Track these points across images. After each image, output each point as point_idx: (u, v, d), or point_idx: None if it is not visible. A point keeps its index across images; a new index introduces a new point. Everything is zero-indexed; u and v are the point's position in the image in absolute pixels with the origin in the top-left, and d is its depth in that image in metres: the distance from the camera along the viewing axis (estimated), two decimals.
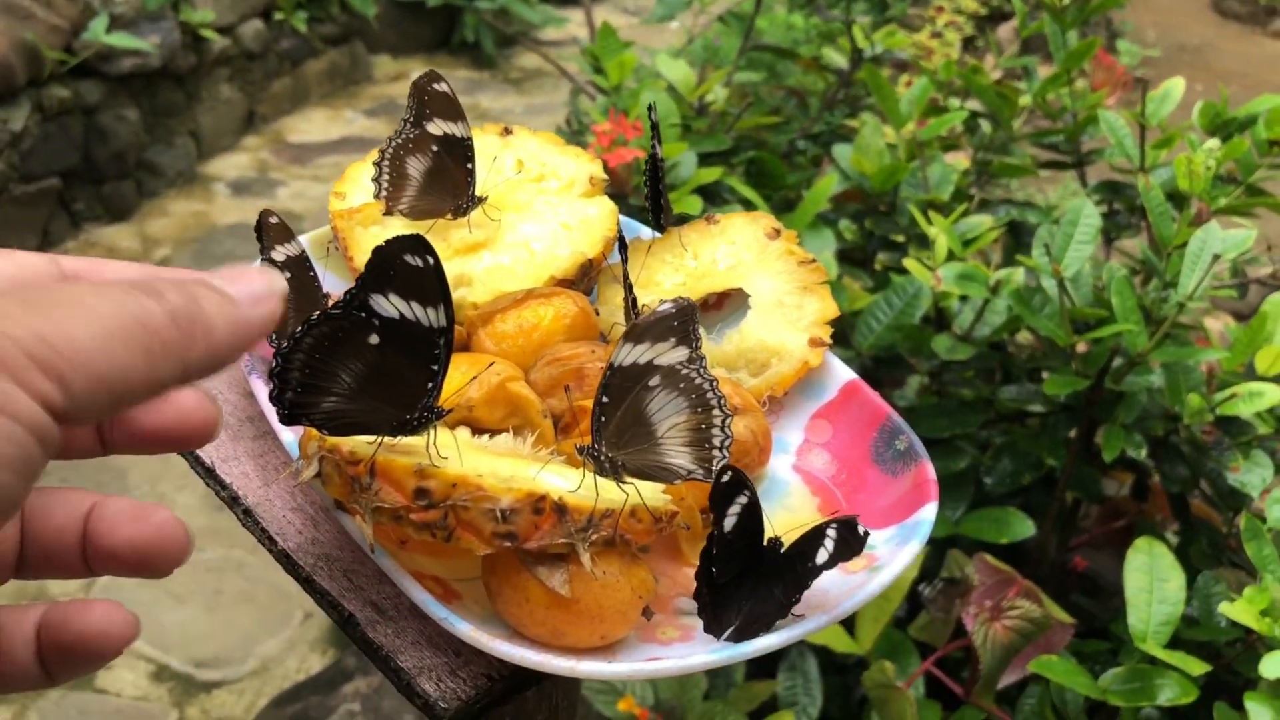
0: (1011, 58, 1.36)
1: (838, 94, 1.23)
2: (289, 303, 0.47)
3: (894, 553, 0.45)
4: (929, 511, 0.47)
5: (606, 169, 0.97)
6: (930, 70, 1.13)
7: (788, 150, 1.23)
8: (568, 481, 0.42)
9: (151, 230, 2.79)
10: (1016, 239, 1.10)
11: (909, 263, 0.85)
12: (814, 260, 0.54)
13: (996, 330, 0.89)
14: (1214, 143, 0.90)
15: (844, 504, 0.51)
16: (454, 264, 0.55)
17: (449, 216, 0.55)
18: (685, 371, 0.43)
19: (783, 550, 0.45)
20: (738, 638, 0.44)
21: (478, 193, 0.56)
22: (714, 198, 1.12)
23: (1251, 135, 1.06)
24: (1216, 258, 0.81)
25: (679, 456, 0.43)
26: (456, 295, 0.53)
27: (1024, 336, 1.08)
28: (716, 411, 0.43)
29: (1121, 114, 1.02)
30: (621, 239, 0.51)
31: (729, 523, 0.44)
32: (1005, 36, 3.55)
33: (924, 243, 0.98)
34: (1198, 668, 0.78)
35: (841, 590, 0.45)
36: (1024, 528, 0.89)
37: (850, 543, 0.44)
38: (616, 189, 0.95)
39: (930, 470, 0.48)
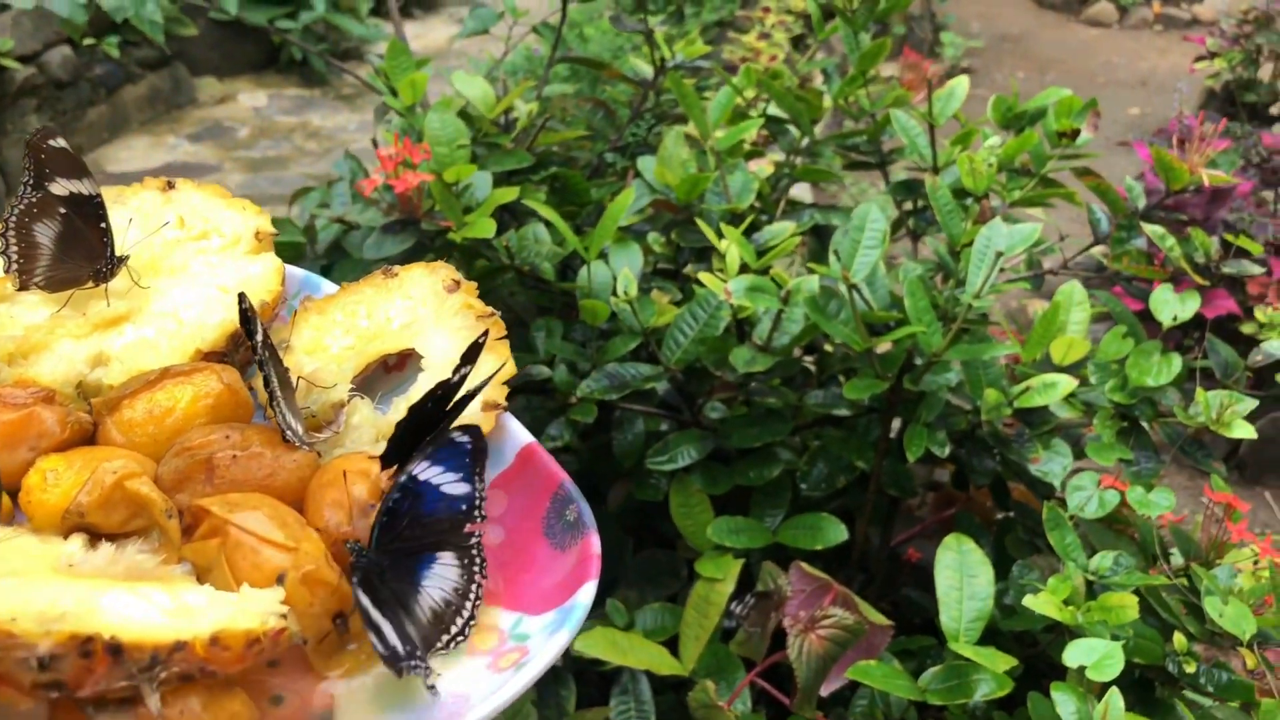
0: (815, 61, 1.37)
1: (644, 104, 1.22)
2: None
3: (545, 643, 0.42)
4: (585, 593, 0.44)
5: (393, 195, 0.94)
6: (729, 77, 1.12)
7: (598, 164, 1.22)
8: (148, 605, 0.37)
9: None
10: (822, 241, 1.10)
11: (704, 276, 0.84)
12: (493, 314, 0.50)
13: (796, 338, 0.88)
14: (994, 140, 0.91)
15: (502, 590, 0.47)
16: (90, 341, 0.48)
17: (90, 284, 0.50)
18: (471, 545, 0.44)
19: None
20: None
21: (120, 252, 0.51)
22: (523, 217, 1.09)
23: (1043, 127, 1.08)
24: (1000, 255, 0.82)
25: (412, 625, 0.43)
26: (92, 377, 0.47)
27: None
28: (468, 605, 0.43)
29: (913, 113, 1.03)
30: (244, 312, 0.45)
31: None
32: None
33: None
34: (1005, 663, 0.79)
35: (482, 694, 0.41)
36: (837, 533, 0.89)
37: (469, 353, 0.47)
38: (407, 214, 0.92)
39: (594, 544, 0.45)
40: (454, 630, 0.43)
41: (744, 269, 0.86)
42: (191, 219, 0.53)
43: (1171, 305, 0.87)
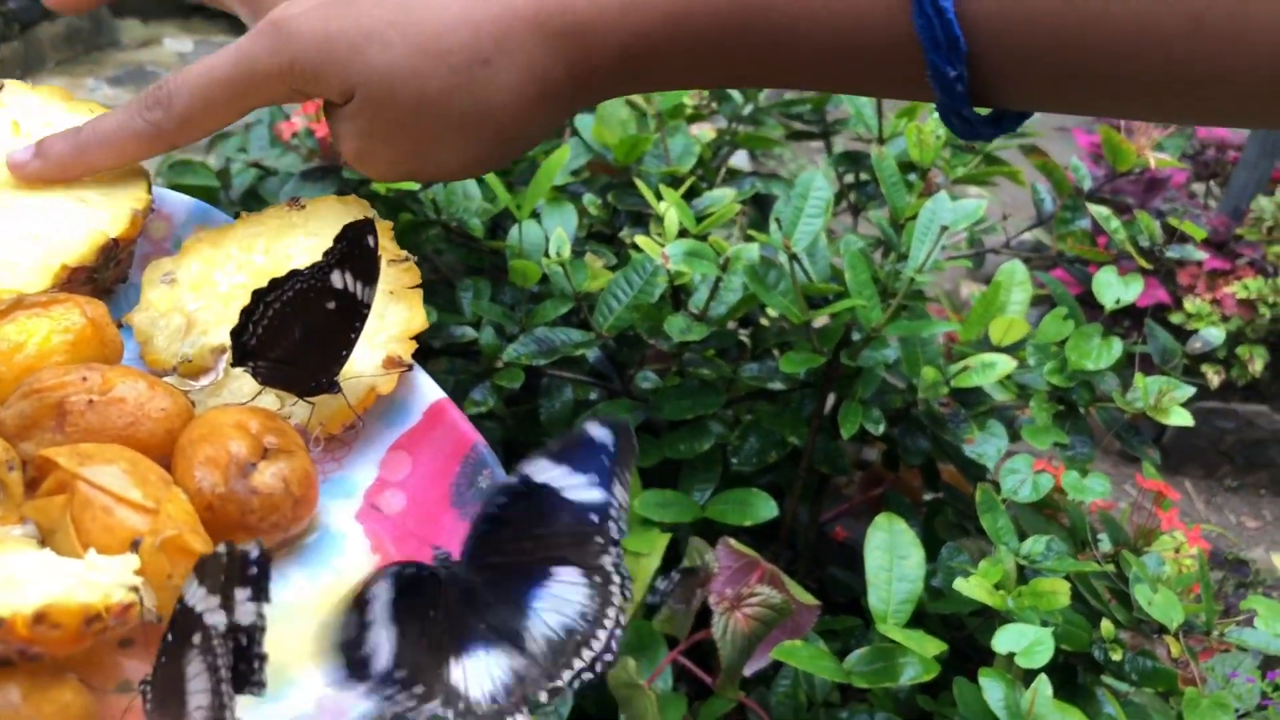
0: None
1: None
2: None
3: None
4: None
5: (314, 140, 0.89)
6: None
7: None
8: None
9: None
10: (762, 212, 1.07)
11: (641, 240, 0.81)
12: (408, 259, 0.46)
13: (733, 308, 0.85)
14: None
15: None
16: None
17: None
18: (604, 562, 0.37)
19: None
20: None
21: None
22: None
23: None
24: (944, 229, 0.79)
25: (521, 658, 0.36)
26: None
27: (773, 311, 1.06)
28: (601, 633, 0.36)
29: None
30: None
31: None
32: None
33: None
34: (934, 648, 0.77)
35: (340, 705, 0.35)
36: (768, 509, 0.86)
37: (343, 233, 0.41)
38: (328, 161, 0.87)
39: None
40: (578, 665, 0.36)
41: (683, 234, 0.83)
42: (29, 123, 0.47)
43: (1115, 288, 0.85)
